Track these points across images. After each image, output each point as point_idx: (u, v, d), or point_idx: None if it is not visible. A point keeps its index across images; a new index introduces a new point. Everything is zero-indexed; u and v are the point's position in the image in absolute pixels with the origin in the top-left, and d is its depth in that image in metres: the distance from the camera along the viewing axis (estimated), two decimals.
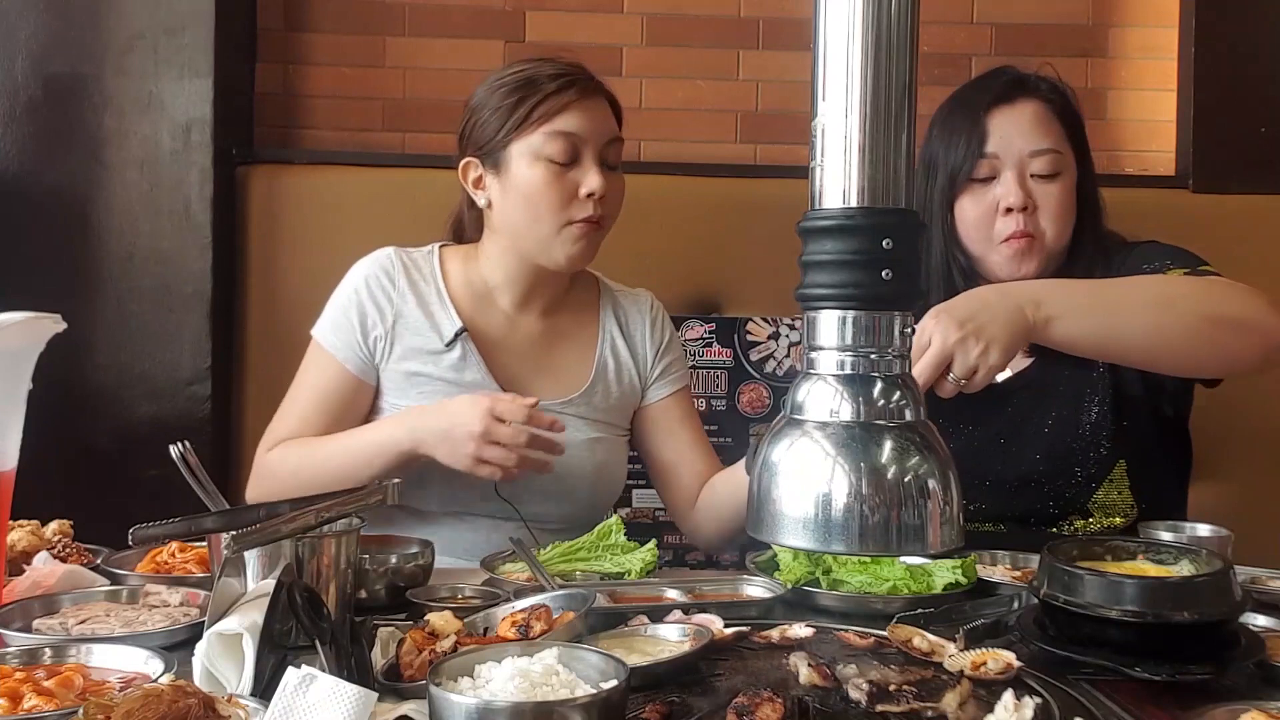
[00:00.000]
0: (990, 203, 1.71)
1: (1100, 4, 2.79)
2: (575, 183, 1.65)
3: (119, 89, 2.42)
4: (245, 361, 2.52)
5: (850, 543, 0.79)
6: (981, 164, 1.71)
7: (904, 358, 0.83)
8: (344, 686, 0.81)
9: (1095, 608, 1.02)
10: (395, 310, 1.72)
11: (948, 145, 1.75)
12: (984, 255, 1.74)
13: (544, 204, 1.66)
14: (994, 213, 1.71)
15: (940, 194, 1.75)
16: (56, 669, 0.98)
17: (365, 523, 1.14)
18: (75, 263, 2.43)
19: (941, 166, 1.75)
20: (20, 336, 1.15)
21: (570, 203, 1.65)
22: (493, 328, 1.76)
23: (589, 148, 1.66)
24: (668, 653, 1.04)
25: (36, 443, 1.20)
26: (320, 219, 2.48)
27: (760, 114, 2.76)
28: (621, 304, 1.87)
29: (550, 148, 1.64)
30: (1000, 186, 1.71)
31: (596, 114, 1.68)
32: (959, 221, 1.75)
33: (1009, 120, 1.72)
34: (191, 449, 1.22)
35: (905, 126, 0.80)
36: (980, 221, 1.72)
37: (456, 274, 1.78)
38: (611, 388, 1.80)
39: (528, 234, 1.69)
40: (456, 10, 2.72)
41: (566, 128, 1.65)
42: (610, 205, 1.69)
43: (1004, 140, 1.71)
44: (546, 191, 1.65)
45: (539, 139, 1.65)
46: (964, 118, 1.75)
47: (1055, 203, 1.71)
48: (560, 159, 1.64)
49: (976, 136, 1.72)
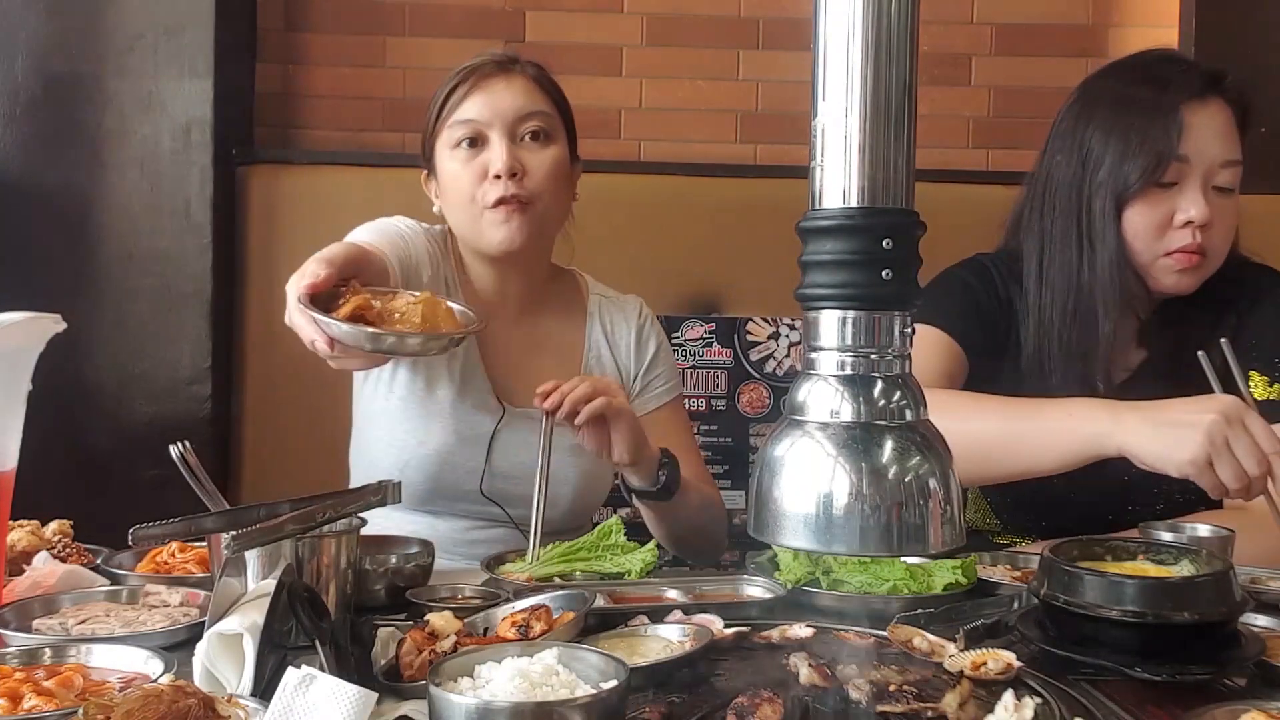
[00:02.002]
0: (1167, 211, 1.56)
1: (1100, 4, 2.80)
2: (484, 165, 1.64)
3: (119, 89, 2.43)
4: (245, 361, 2.52)
5: (851, 543, 0.79)
6: (1172, 168, 1.54)
7: (904, 358, 0.83)
8: (344, 686, 0.81)
9: (1095, 608, 1.02)
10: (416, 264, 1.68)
11: (1125, 140, 1.57)
12: (1148, 265, 1.60)
13: (458, 191, 1.66)
14: (1168, 222, 1.57)
15: (1111, 194, 1.58)
16: (56, 669, 0.98)
17: (365, 523, 1.14)
18: (75, 263, 2.43)
19: (1112, 163, 1.58)
20: (20, 336, 1.15)
21: (480, 185, 1.64)
22: None
23: (494, 129, 1.64)
24: (668, 653, 1.04)
25: (36, 443, 1.20)
26: (320, 219, 2.48)
27: (760, 114, 2.76)
28: (609, 313, 1.84)
29: (455, 136, 1.66)
30: (1183, 195, 1.55)
31: (501, 93, 1.66)
32: (1126, 226, 1.59)
33: (1203, 121, 1.56)
34: (191, 449, 1.22)
35: (905, 126, 0.80)
36: (1151, 230, 1.57)
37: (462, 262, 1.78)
38: None
39: (460, 225, 1.70)
40: (456, 10, 2.72)
41: (466, 115, 1.66)
42: (532, 182, 1.65)
43: (1197, 144, 1.55)
44: (458, 179, 1.66)
45: (447, 133, 1.67)
46: (1148, 111, 1.56)
47: (1229, 220, 1.59)
48: (466, 145, 1.65)
49: (1173, 135, 1.53)
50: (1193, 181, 1.56)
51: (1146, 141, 1.56)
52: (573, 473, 1.71)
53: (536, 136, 1.67)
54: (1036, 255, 1.69)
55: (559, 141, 1.70)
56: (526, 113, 1.66)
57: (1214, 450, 1.29)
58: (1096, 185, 1.60)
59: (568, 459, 1.69)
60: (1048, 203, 1.68)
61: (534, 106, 1.67)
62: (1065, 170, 1.65)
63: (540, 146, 1.67)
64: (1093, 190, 1.61)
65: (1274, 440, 1.30)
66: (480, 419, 1.69)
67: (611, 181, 2.58)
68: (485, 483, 1.68)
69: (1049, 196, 1.68)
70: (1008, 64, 2.79)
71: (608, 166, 2.65)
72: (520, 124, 1.66)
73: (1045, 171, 1.70)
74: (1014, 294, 1.73)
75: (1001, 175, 2.56)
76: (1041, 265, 1.68)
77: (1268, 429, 1.31)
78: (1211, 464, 1.30)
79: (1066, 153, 1.65)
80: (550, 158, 1.67)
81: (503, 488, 1.68)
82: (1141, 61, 1.68)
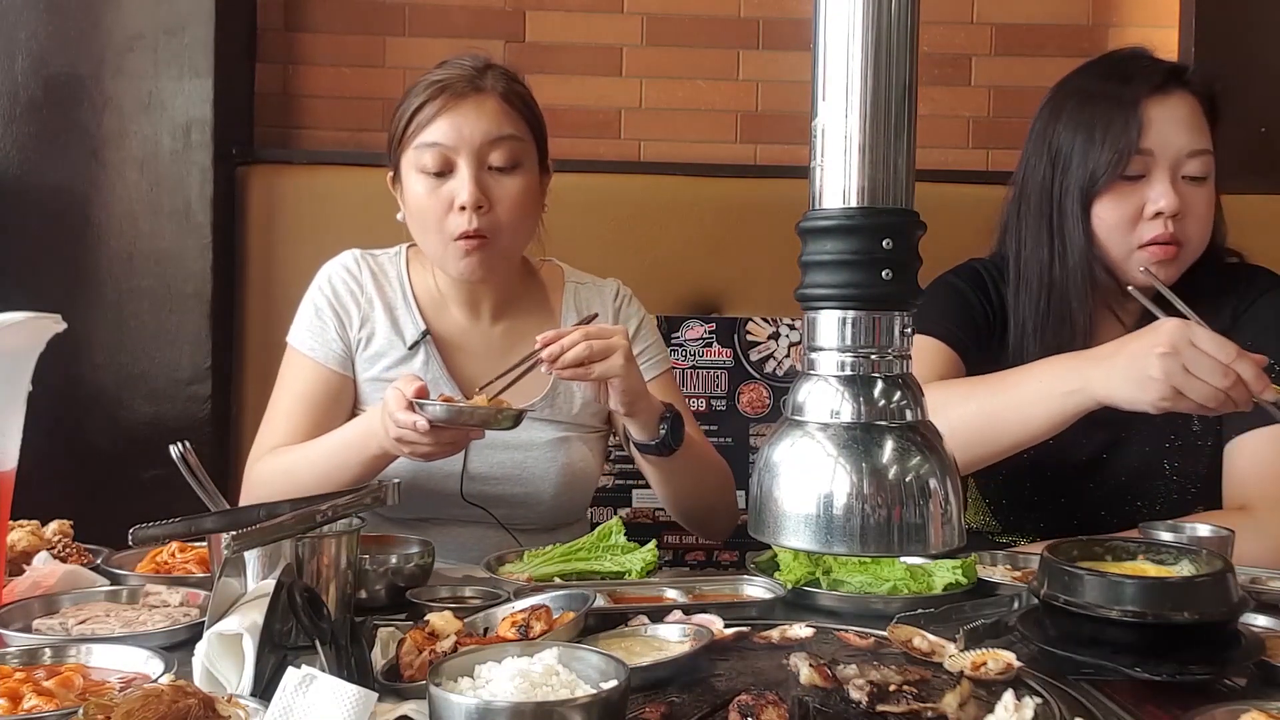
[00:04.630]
0: (1137, 204, 1.59)
1: (1100, 4, 2.80)
2: (451, 194, 1.60)
3: (119, 89, 2.43)
4: (245, 361, 2.52)
5: (851, 543, 0.79)
6: (1135, 160, 1.57)
7: (904, 358, 0.83)
8: (344, 686, 0.81)
9: (1095, 608, 1.02)
10: (363, 313, 1.72)
11: (1090, 137, 1.59)
12: (1123, 259, 1.62)
13: (424, 219, 1.63)
14: (1138, 215, 1.59)
15: (1079, 190, 1.60)
16: (56, 669, 0.98)
17: (365, 523, 1.14)
18: (75, 263, 2.43)
19: (1079, 160, 1.60)
20: (20, 336, 1.15)
21: (446, 216, 1.61)
22: (453, 333, 1.75)
23: (462, 155, 1.60)
24: (668, 653, 1.04)
25: (36, 443, 1.20)
26: (320, 219, 2.48)
27: (760, 114, 2.76)
28: (583, 297, 1.82)
29: (421, 160, 1.61)
30: (1151, 187, 1.58)
31: (469, 118, 1.61)
32: (1097, 222, 1.61)
33: (1165, 114, 1.58)
34: (191, 449, 1.22)
35: (905, 126, 0.80)
36: (1123, 223, 1.59)
37: (421, 276, 1.77)
38: (574, 388, 1.74)
39: (425, 246, 1.68)
40: (456, 10, 2.72)
41: (433, 138, 1.60)
42: (499, 214, 1.61)
43: (1160, 136, 1.57)
44: (424, 207, 1.62)
45: (413, 153, 1.63)
46: (1111, 106, 1.59)
47: (1203, 208, 1.60)
48: (433, 170, 1.60)
49: (1133, 129, 1.56)
50: (1160, 173, 1.58)
51: (1109, 136, 1.58)
52: (552, 469, 1.71)
53: (505, 166, 1.63)
54: (1014, 257, 1.71)
55: (527, 165, 1.66)
56: (495, 137, 1.62)
57: (1176, 382, 1.29)
58: (1066, 183, 1.62)
59: (547, 455, 1.70)
60: (1024, 204, 1.69)
61: (502, 130, 1.62)
62: (1037, 170, 1.67)
63: (507, 175, 1.63)
64: (1062, 189, 1.63)
65: (1228, 347, 1.29)
66: None
67: (611, 181, 2.59)
68: (465, 486, 1.68)
69: (1024, 198, 1.70)
70: (1008, 64, 2.79)
71: (608, 166, 2.66)
72: (488, 150, 1.61)
73: (1022, 174, 1.72)
74: (1006, 298, 1.74)
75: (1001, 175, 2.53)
76: (1019, 267, 1.69)
77: (1217, 339, 1.30)
78: (1182, 393, 1.30)
79: (1038, 153, 1.67)
80: (517, 187, 1.63)
81: (483, 490, 1.69)
82: (1109, 60, 1.70)
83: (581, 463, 1.75)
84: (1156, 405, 1.32)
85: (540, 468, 1.70)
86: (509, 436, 1.63)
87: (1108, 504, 1.66)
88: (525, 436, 1.69)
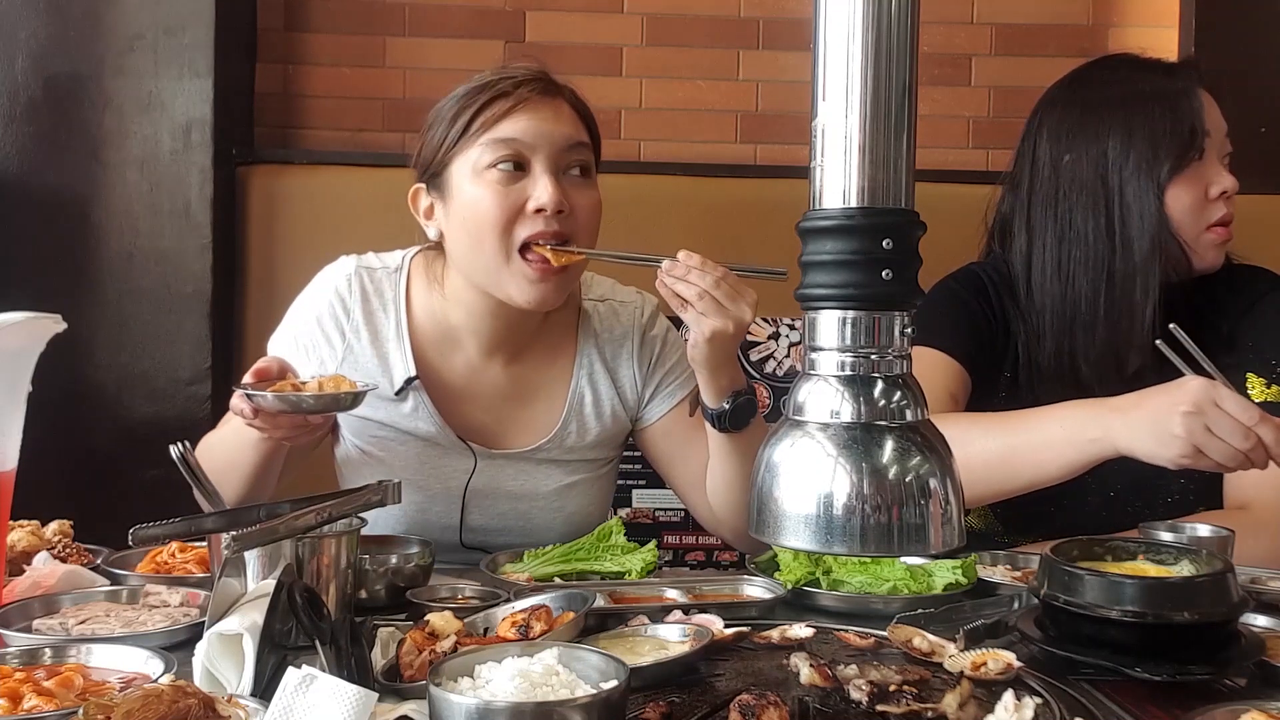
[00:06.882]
0: (1204, 185, 1.62)
1: (1100, 4, 2.80)
2: (523, 196, 1.43)
3: (119, 89, 2.43)
4: (245, 361, 2.51)
5: (852, 543, 0.79)
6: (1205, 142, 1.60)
7: (904, 358, 0.83)
8: (344, 686, 0.81)
9: (1095, 608, 1.02)
10: (346, 345, 1.55)
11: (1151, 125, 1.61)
12: (1194, 240, 1.62)
13: (487, 225, 1.43)
14: (1205, 197, 1.62)
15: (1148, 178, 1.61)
16: (56, 669, 0.98)
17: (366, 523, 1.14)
18: (75, 263, 2.43)
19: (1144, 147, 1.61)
20: (20, 336, 1.15)
21: (517, 221, 1.43)
22: (454, 375, 1.58)
23: (539, 155, 1.44)
24: (668, 653, 1.04)
25: (36, 443, 1.20)
26: (320, 219, 2.48)
27: (760, 114, 2.76)
28: (604, 322, 1.65)
29: (490, 157, 1.43)
30: (1210, 168, 1.61)
31: (548, 116, 1.46)
32: (1172, 207, 1.61)
33: (1206, 100, 1.63)
34: (191, 449, 1.22)
35: (905, 126, 0.80)
36: (1195, 205, 1.61)
37: (421, 301, 1.58)
38: (589, 423, 1.62)
39: (476, 264, 1.47)
40: (456, 10, 2.72)
41: (508, 134, 1.44)
42: (577, 222, 1.46)
43: (1213, 119, 1.62)
44: (489, 208, 1.43)
45: (477, 150, 1.44)
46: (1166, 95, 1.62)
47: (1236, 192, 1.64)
48: (504, 170, 1.43)
49: (1199, 110, 1.60)
50: (1213, 155, 1.62)
51: (1178, 121, 1.61)
52: (557, 519, 1.62)
53: (584, 172, 1.49)
54: (1040, 257, 1.69)
55: (596, 182, 1.53)
56: (574, 142, 1.47)
57: (1198, 441, 1.31)
58: (1128, 174, 1.62)
59: (552, 505, 1.61)
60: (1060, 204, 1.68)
61: (580, 136, 1.49)
62: (1083, 168, 1.66)
63: (585, 185, 1.49)
64: (1123, 180, 1.63)
65: (1251, 410, 1.31)
66: (450, 469, 1.57)
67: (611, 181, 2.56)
68: (464, 537, 1.59)
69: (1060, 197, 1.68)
70: (1008, 64, 2.79)
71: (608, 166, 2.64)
72: (567, 155, 1.46)
73: (1028, 175, 1.71)
74: (1008, 303, 1.73)
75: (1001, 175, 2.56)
76: (1046, 267, 1.68)
77: (1241, 401, 1.32)
78: (1202, 452, 1.31)
79: (1077, 152, 1.66)
80: (595, 199, 1.50)
81: (484, 540, 1.59)
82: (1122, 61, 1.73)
83: (588, 508, 1.65)
84: (1176, 461, 1.34)
85: (544, 518, 1.60)
86: (511, 486, 1.58)
87: (1109, 505, 1.66)
88: (529, 485, 1.60)
